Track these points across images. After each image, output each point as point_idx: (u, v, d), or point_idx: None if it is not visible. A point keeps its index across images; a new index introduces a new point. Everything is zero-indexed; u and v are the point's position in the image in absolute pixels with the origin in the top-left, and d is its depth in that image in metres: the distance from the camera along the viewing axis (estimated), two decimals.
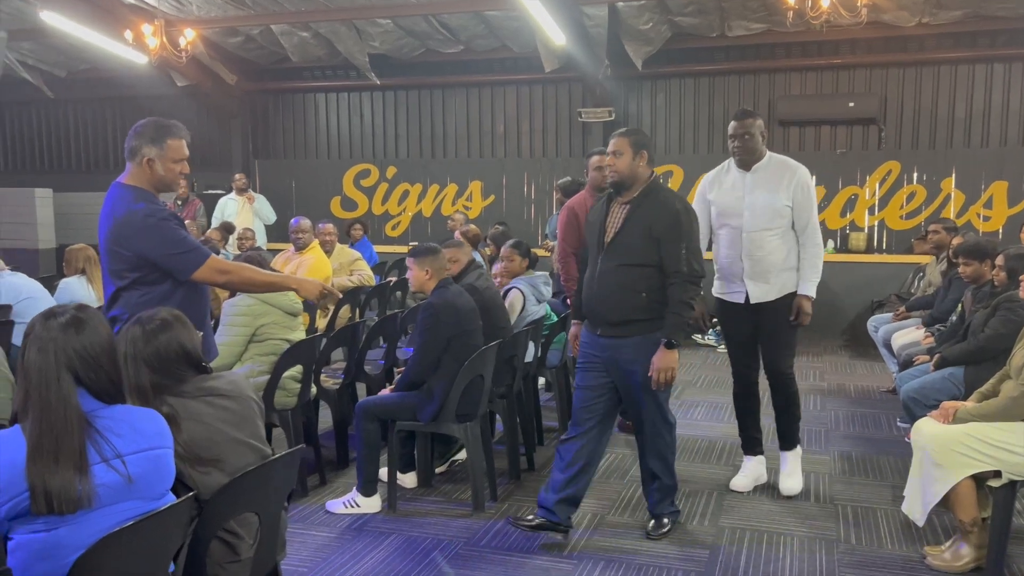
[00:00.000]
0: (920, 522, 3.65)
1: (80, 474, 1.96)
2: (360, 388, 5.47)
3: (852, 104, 9.45)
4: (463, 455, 4.95)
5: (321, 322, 6.45)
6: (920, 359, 5.39)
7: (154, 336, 2.46)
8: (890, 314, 7.10)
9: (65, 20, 8.77)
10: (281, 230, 10.06)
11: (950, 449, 3.52)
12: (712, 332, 8.66)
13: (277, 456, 2.51)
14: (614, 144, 3.81)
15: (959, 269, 5.53)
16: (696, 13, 9.05)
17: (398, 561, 3.78)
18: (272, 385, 4.35)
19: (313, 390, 4.81)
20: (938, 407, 3.82)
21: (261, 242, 9.68)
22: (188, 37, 9.10)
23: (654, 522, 4.05)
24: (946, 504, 3.60)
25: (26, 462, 1.94)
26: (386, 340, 5.66)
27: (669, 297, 3.72)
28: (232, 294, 4.55)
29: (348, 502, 4.34)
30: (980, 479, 3.53)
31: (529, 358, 5.27)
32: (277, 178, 11.90)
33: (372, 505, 4.33)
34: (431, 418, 4.25)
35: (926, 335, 6.00)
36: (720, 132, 9.85)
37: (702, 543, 3.96)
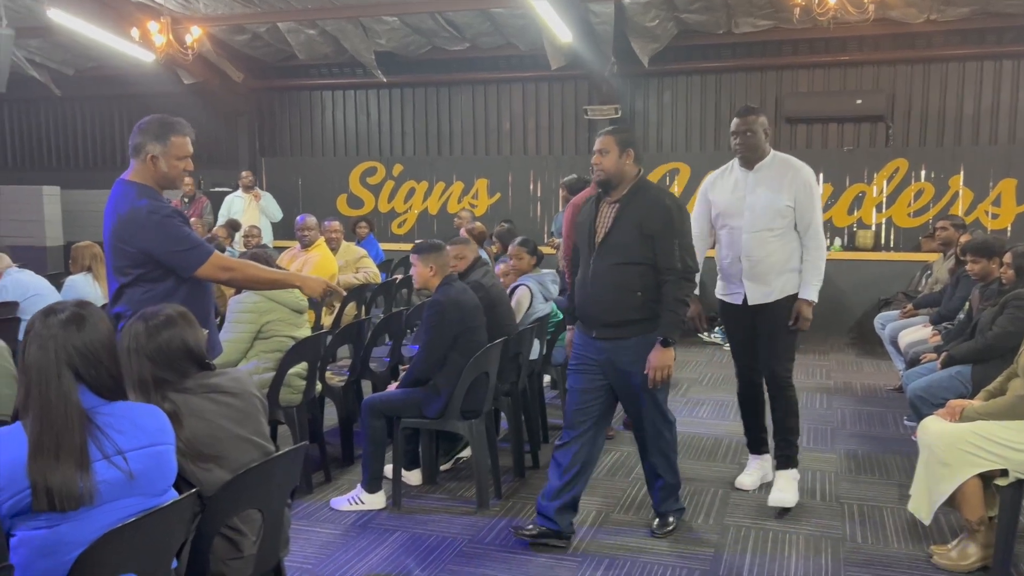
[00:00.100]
0: (926, 521, 3.64)
1: (81, 471, 1.97)
2: (365, 385, 5.47)
3: (860, 101, 9.39)
4: (468, 453, 4.94)
5: (327, 319, 6.47)
6: (927, 357, 5.36)
7: (157, 332, 2.46)
8: (897, 312, 7.07)
9: (72, 18, 8.79)
10: (287, 227, 10.05)
11: (957, 448, 3.51)
12: (718, 330, 8.64)
13: (280, 453, 2.51)
14: (600, 142, 3.78)
15: (967, 267, 5.50)
16: (703, 10, 9.01)
17: (402, 558, 3.78)
18: (277, 382, 4.36)
19: (318, 387, 4.81)
20: (945, 405, 3.81)
21: (267, 239, 9.70)
22: (194, 35, 9.12)
23: (659, 520, 4.04)
24: (953, 503, 3.59)
25: (27, 459, 1.94)
26: (391, 337, 5.67)
27: (664, 295, 3.67)
28: (237, 291, 4.55)
29: (353, 499, 4.34)
30: (987, 478, 3.52)
31: (534, 355, 5.26)
32: (284, 176, 11.91)
33: (376, 502, 4.33)
34: (437, 414, 4.25)
35: (933, 333, 5.97)
36: (727, 130, 9.80)
37: (707, 541, 3.95)
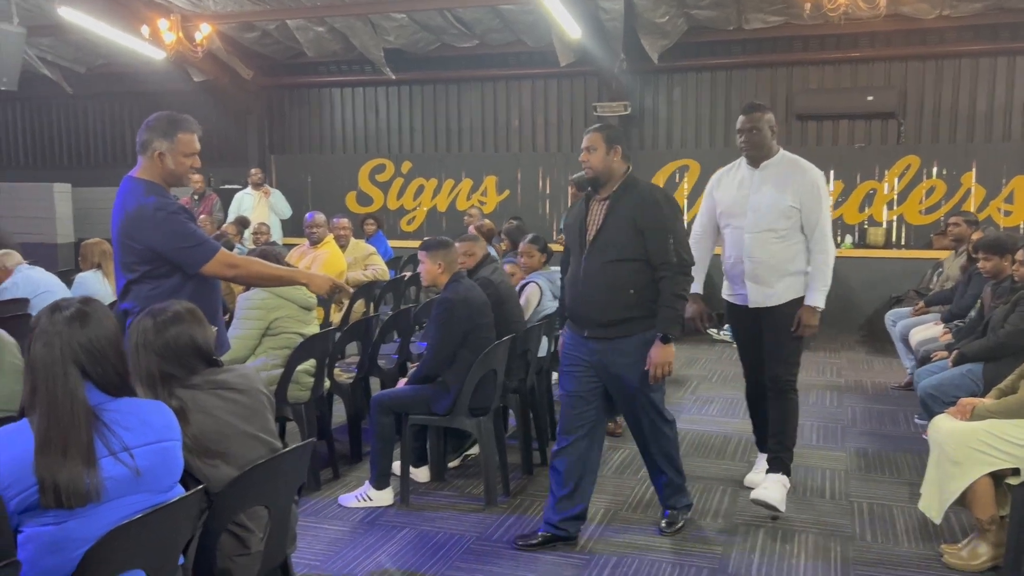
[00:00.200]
0: (937, 520, 3.61)
1: (88, 467, 1.97)
2: (373, 382, 5.47)
3: (871, 98, 9.33)
4: (476, 450, 4.94)
5: (335, 316, 6.48)
6: (938, 355, 5.33)
7: (165, 328, 2.47)
8: (908, 309, 7.03)
9: (83, 16, 8.83)
10: (296, 225, 10.10)
11: (968, 446, 3.48)
12: (727, 328, 8.61)
13: (287, 449, 2.51)
14: (587, 140, 3.73)
15: (979, 264, 5.47)
16: (713, 6, 8.98)
17: (410, 555, 3.78)
18: (286, 379, 4.37)
19: (327, 384, 4.82)
20: (956, 404, 3.79)
21: (276, 237, 9.73)
22: (204, 32, 9.14)
23: (667, 518, 4.02)
24: (963, 502, 3.56)
25: (34, 456, 1.94)
26: (400, 334, 5.67)
27: (661, 291, 3.62)
28: (246, 288, 4.56)
29: (361, 496, 4.35)
30: (998, 476, 3.50)
31: (543, 353, 5.25)
32: (293, 173, 11.94)
33: (385, 499, 4.33)
34: (446, 411, 4.25)
35: (944, 331, 5.93)
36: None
37: (715, 540, 3.93)
